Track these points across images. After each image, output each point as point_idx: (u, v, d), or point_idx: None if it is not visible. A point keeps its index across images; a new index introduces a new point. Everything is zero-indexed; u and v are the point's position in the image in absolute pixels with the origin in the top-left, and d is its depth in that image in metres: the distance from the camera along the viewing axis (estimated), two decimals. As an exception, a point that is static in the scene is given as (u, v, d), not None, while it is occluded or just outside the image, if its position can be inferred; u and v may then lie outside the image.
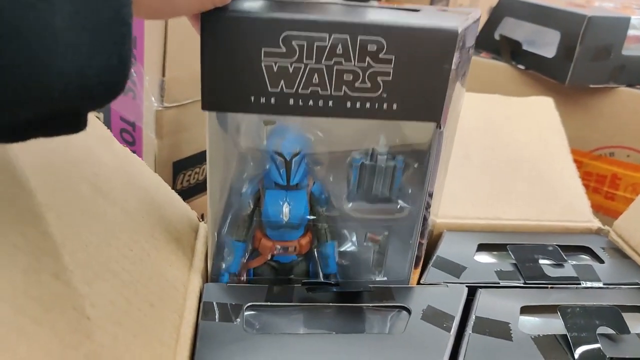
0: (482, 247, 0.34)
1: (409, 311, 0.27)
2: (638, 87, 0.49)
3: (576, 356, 0.25)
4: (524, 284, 0.31)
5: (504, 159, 0.42)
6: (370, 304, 0.28)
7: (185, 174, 0.44)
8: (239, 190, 0.28)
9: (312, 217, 0.28)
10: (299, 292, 0.28)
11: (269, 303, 0.27)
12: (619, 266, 0.34)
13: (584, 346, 0.26)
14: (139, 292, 0.21)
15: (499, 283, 0.31)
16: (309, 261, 0.30)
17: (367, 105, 0.23)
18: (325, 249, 0.29)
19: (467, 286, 0.30)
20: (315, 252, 0.30)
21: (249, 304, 0.27)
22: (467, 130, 0.43)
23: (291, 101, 0.23)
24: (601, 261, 0.34)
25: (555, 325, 0.28)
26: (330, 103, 0.23)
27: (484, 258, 0.34)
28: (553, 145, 0.43)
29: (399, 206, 0.28)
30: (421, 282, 0.31)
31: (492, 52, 0.59)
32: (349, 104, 0.23)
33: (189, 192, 0.45)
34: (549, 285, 0.31)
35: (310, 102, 0.23)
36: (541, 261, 0.33)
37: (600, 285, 0.32)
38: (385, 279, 0.30)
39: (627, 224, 0.37)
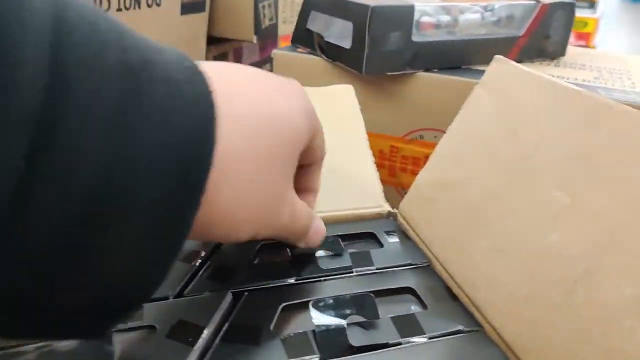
0: (263, 248, 0.33)
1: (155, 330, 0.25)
2: (434, 71, 0.52)
3: (322, 349, 0.24)
4: (295, 281, 0.30)
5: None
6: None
7: None
8: None
9: None
10: None
11: None
12: (397, 249, 0.34)
13: (331, 339, 0.25)
14: None
15: (269, 284, 0.30)
16: None
17: None
18: None
19: (232, 292, 0.28)
20: None
21: None
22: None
23: None
24: (381, 245, 0.34)
25: (312, 321, 0.27)
26: None
27: (265, 259, 0.33)
28: (350, 132, 0.44)
29: None
30: (184, 294, 0.29)
31: (308, 47, 0.59)
32: None
33: None
34: (322, 279, 0.31)
35: None
36: (318, 254, 0.32)
37: (374, 270, 0.32)
38: None
39: (408, 205, 0.37)
